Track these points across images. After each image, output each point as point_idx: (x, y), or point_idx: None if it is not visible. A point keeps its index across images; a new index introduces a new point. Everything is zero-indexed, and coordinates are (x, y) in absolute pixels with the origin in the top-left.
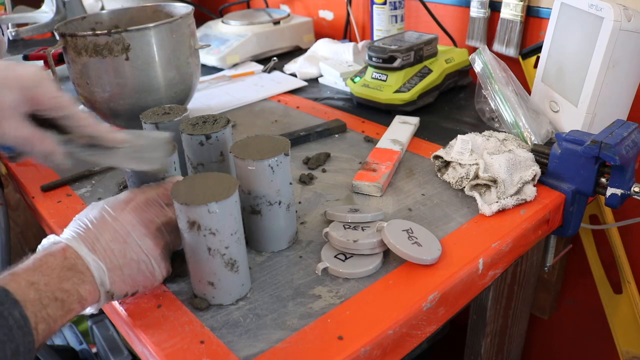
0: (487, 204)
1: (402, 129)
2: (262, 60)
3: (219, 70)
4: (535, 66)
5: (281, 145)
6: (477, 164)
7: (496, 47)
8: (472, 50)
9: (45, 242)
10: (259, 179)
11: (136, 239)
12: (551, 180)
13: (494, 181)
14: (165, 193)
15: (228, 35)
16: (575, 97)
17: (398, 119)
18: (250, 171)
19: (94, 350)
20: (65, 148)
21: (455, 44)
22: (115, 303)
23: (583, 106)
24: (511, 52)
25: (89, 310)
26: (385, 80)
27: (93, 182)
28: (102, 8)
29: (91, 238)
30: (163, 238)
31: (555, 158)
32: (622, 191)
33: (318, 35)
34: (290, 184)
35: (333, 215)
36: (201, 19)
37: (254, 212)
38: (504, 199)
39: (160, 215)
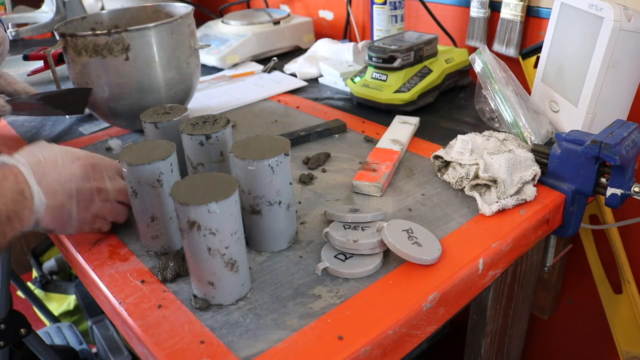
0: (487, 204)
1: (402, 129)
2: (262, 60)
3: (219, 70)
4: (535, 66)
5: (281, 145)
6: (477, 164)
7: (496, 47)
8: (472, 50)
9: None
10: (259, 179)
11: (73, 189)
12: (551, 180)
13: (494, 181)
14: (111, 166)
15: (228, 35)
16: (575, 97)
17: (398, 119)
18: (250, 171)
19: (94, 350)
20: None
21: (455, 44)
22: (116, 303)
23: (583, 106)
24: (511, 52)
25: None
26: (385, 80)
27: None
28: (102, 8)
29: (40, 172)
30: (93, 201)
31: (555, 158)
32: (622, 191)
33: (318, 35)
34: (290, 184)
35: (333, 215)
36: (201, 19)
37: (254, 212)
38: (504, 199)
39: (99, 181)
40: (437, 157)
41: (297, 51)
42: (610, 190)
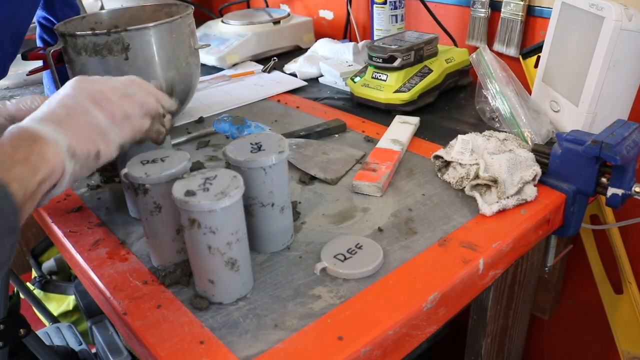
0: (488, 204)
1: (402, 128)
2: (262, 60)
3: (219, 70)
4: (536, 66)
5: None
6: (477, 164)
7: (497, 46)
8: (473, 49)
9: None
10: (251, 180)
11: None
12: (552, 180)
13: (495, 181)
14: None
15: (228, 35)
16: (576, 96)
17: (398, 118)
18: (243, 172)
19: (93, 350)
20: None
21: (455, 44)
22: (115, 304)
23: (584, 106)
24: (512, 51)
25: (63, 186)
26: (385, 80)
27: (92, 181)
28: (102, 8)
29: (56, 117)
30: (109, 100)
31: (555, 158)
32: (623, 191)
33: (318, 35)
34: (288, 185)
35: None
36: (201, 18)
37: (247, 212)
38: (504, 199)
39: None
40: (437, 157)
41: (297, 51)
42: (611, 190)
